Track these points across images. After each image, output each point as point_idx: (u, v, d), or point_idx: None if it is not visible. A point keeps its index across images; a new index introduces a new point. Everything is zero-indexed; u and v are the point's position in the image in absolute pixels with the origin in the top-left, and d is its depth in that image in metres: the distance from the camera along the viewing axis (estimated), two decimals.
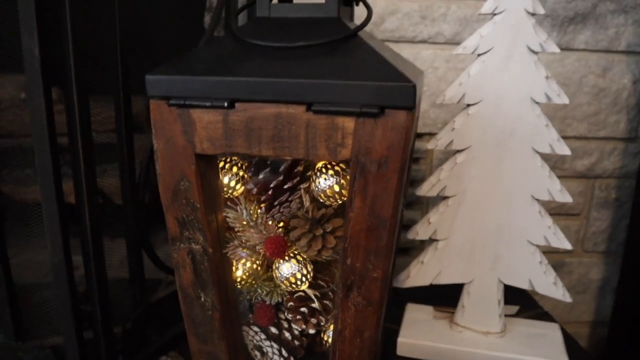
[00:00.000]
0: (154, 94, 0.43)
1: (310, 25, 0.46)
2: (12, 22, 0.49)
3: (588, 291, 0.98)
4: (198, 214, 0.46)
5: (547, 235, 0.62)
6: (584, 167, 0.90)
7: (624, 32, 0.84)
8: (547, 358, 0.63)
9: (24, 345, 0.56)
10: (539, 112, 0.59)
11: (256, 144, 0.42)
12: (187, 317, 0.52)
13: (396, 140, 0.39)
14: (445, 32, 0.82)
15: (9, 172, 0.61)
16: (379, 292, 0.45)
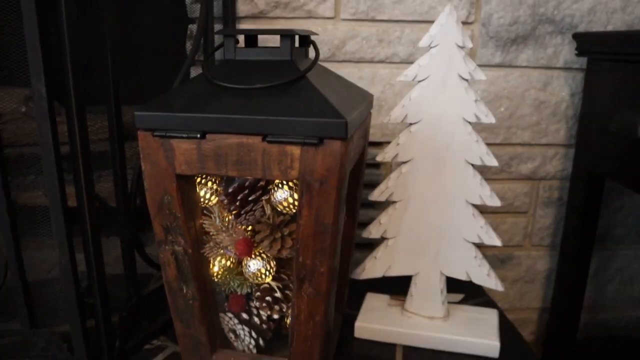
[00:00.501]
0: (141, 127, 0.53)
1: (268, 68, 0.56)
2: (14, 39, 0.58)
3: (536, 281, 1.09)
4: (179, 221, 0.57)
5: (480, 233, 0.73)
6: (529, 170, 1.01)
7: (562, 50, 0.94)
8: (481, 338, 0.74)
9: (36, 331, 0.66)
10: (470, 130, 0.69)
11: (224, 166, 0.53)
12: (172, 306, 0.63)
13: (333, 164, 0.50)
14: (400, 53, 0.92)
15: (11, 178, 0.69)
16: (326, 284, 0.56)
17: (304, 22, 0.90)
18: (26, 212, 0.69)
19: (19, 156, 0.71)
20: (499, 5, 0.90)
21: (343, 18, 0.90)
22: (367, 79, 0.93)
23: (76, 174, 0.62)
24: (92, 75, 0.64)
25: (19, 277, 0.64)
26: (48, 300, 0.68)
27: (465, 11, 0.90)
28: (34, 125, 0.69)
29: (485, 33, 0.92)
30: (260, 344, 0.66)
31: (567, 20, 0.92)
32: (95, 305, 0.67)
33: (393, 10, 0.90)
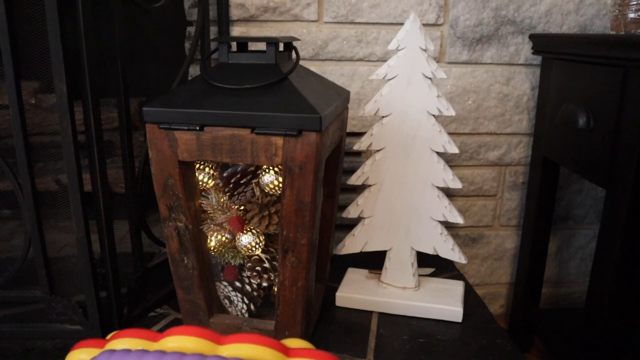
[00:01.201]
0: (148, 120, 0.63)
1: (256, 70, 0.65)
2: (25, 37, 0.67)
3: (504, 258, 1.19)
4: (181, 201, 0.66)
5: (444, 212, 0.83)
6: (495, 157, 1.11)
7: (522, 49, 1.04)
8: (447, 305, 0.84)
9: (55, 298, 0.76)
10: (433, 121, 0.79)
11: (219, 154, 0.62)
12: (175, 275, 0.72)
13: (310, 152, 0.60)
14: (377, 52, 1.02)
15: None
16: (306, 254, 0.66)
17: (290, 24, 0.99)
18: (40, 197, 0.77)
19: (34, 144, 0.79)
20: (465, 9, 1.00)
21: (325, 21, 1.00)
22: (347, 75, 1.03)
23: (91, 160, 0.71)
24: (103, 72, 0.72)
25: (40, 250, 0.73)
26: (65, 273, 0.77)
27: (434, 14, 1.00)
28: (42, 116, 0.79)
29: (453, 34, 1.02)
30: (251, 309, 0.76)
31: (526, 21, 1.02)
32: (107, 277, 0.77)
33: (370, 14, 0.99)
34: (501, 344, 0.78)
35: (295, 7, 0.98)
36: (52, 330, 0.77)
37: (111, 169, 0.80)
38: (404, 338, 0.79)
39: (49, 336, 0.77)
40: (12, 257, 0.78)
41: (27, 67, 0.69)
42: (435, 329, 0.82)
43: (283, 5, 0.98)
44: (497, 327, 0.83)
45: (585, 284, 1.23)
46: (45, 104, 0.81)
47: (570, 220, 1.18)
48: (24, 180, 0.70)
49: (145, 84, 0.86)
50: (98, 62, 0.69)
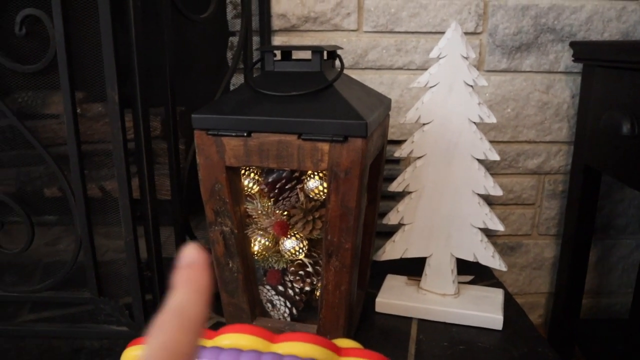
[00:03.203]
0: (197, 127, 0.65)
1: (301, 78, 0.67)
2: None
3: (543, 267, 1.18)
4: (227, 206, 0.68)
5: (485, 220, 0.82)
6: (535, 165, 1.10)
7: (562, 56, 1.03)
8: (487, 312, 0.83)
9: (103, 299, 0.78)
10: (475, 129, 0.80)
11: (266, 159, 0.64)
12: (219, 278, 0.74)
13: (356, 157, 0.61)
14: (417, 60, 1.03)
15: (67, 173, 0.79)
16: (350, 258, 0.67)
17: (330, 34, 1.01)
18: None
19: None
20: (504, 17, 1.00)
21: (365, 30, 1.01)
22: (387, 84, 1.04)
23: (140, 168, 0.74)
24: (152, 82, 0.75)
25: (90, 253, 0.76)
26: (112, 276, 0.80)
27: (473, 23, 1.01)
28: (87, 125, 0.82)
29: (492, 42, 1.02)
30: (293, 313, 0.78)
31: (566, 29, 1.01)
32: (153, 280, 0.79)
33: (409, 23, 1.00)
34: (542, 353, 0.78)
35: (335, 17, 1.00)
36: (99, 331, 0.79)
37: (155, 176, 0.82)
38: (444, 344, 0.79)
39: (97, 337, 0.79)
40: (61, 261, 0.81)
41: (77, 79, 0.71)
42: (475, 336, 0.81)
43: (323, 15, 1.00)
44: (537, 335, 0.82)
45: (627, 295, 1.21)
46: (89, 113, 0.84)
47: (612, 229, 1.16)
48: (76, 186, 0.73)
49: (188, 94, 0.88)
50: (147, 71, 0.72)
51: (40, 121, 0.79)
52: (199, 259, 0.23)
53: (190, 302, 0.22)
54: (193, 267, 0.23)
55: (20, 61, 0.71)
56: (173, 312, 0.21)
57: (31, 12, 0.68)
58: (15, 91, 0.77)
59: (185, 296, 0.22)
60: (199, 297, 0.22)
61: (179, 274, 0.23)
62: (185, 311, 0.22)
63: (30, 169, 0.84)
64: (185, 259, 0.23)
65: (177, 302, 0.22)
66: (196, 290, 0.22)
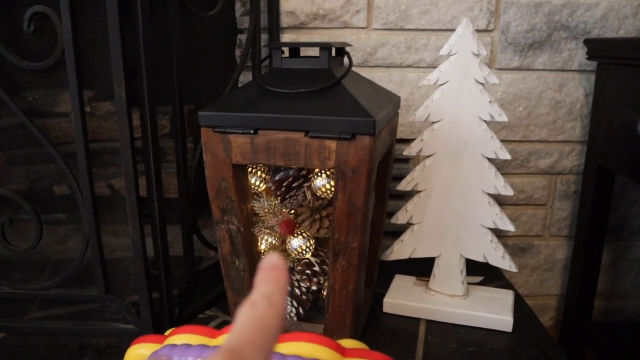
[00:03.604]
0: (204, 124, 0.64)
1: (309, 75, 0.66)
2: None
3: (555, 269, 1.16)
4: (234, 204, 0.67)
5: (495, 220, 0.81)
6: (547, 165, 1.08)
7: (576, 54, 1.02)
8: (497, 314, 0.82)
9: (110, 297, 0.78)
10: (485, 127, 0.78)
11: (272, 157, 0.63)
12: (226, 276, 0.73)
13: (364, 155, 0.60)
14: (427, 58, 1.02)
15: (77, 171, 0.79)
16: (357, 258, 0.66)
17: (339, 31, 1.00)
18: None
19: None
20: (516, 14, 0.99)
21: (375, 28, 1.00)
22: (396, 82, 1.03)
23: (147, 166, 0.73)
24: (159, 80, 0.74)
25: (97, 251, 0.76)
26: (119, 274, 0.79)
27: (485, 20, 0.99)
28: (96, 123, 0.82)
29: (504, 40, 1.00)
30: (300, 312, 0.77)
31: (580, 26, 1.00)
32: (160, 278, 0.78)
33: (420, 20, 0.99)
34: (553, 356, 0.76)
35: (344, 14, 0.99)
36: (106, 329, 0.79)
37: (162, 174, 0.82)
38: (452, 346, 0.78)
39: (104, 334, 0.79)
40: (69, 258, 0.81)
41: (85, 76, 0.71)
42: (484, 338, 0.80)
43: (332, 13, 0.99)
44: (548, 337, 0.81)
45: None
46: (99, 111, 0.84)
47: (625, 231, 1.14)
48: (84, 185, 0.73)
49: (196, 91, 0.88)
50: (155, 69, 0.71)
51: (51, 119, 0.79)
52: (279, 264, 0.25)
53: (275, 290, 0.24)
54: (274, 270, 0.25)
55: (29, 59, 0.71)
56: (261, 296, 0.23)
57: (39, 9, 0.68)
58: (24, 89, 0.77)
59: (270, 286, 0.24)
60: (282, 291, 0.24)
61: (261, 274, 0.25)
62: (272, 296, 0.23)
63: (39, 167, 0.84)
64: (267, 263, 0.25)
65: (263, 290, 0.24)
66: (278, 286, 0.24)
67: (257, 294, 0.24)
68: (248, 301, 0.23)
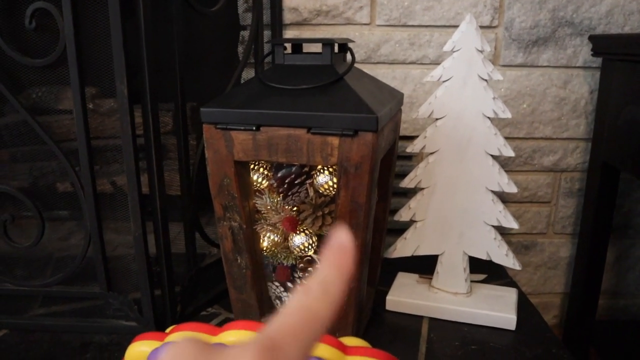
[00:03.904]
0: (206, 121, 0.64)
1: (311, 71, 0.66)
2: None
3: (558, 267, 1.16)
4: (236, 201, 0.67)
5: (499, 217, 0.81)
6: (551, 162, 1.08)
7: (581, 51, 1.01)
8: (499, 312, 0.81)
9: (113, 294, 0.78)
10: (489, 124, 0.78)
11: (274, 154, 0.63)
12: (228, 274, 0.73)
13: (366, 152, 0.60)
14: (430, 55, 1.01)
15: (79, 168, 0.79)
16: (360, 255, 0.65)
17: (342, 28, 1.00)
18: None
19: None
20: (520, 10, 0.98)
21: (378, 24, 1.00)
22: (400, 78, 1.02)
23: (149, 163, 0.73)
24: (162, 76, 0.74)
25: (99, 248, 0.76)
26: (121, 271, 0.79)
27: (489, 16, 0.99)
28: (99, 120, 0.81)
29: (508, 36, 1.00)
30: None
31: (585, 22, 0.99)
32: (162, 275, 0.78)
33: (423, 17, 0.99)
34: (556, 354, 0.76)
35: (347, 10, 0.99)
36: (108, 326, 0.79)
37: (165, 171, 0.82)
38: (455, 344, 0.78)
39: (106, 331, 0.79)
40: (71, 255, 0.81)
41: (87, 73, 0.71)
42: (487, 336, 0.80)
43: (335, 9, 0.98)
44: (552, 336, 0.80)
45: None
46: (101, 108, 0.84)
47: (630, 229, 1.13)
48: (86, 182, 0.73)
49: (199, 88, 0.88)
50: (157, 66, 0.71)
51: (54, 116, 0.79)
52: (348, 243, 0.24)
53: (333, 279, 0.23)
54: (341, 249, 0.24)
55: (30, 55, 0.71)
56: (318, 282, 0.23)
57: (41, 6, 0.68)
58: (27, 86, 0.77)
59: (330, 273, 0.23)
60: (341, 280, 0.23)
61: (328, 253, 0.24)
62: (328, 285, 0.23)
63: (42, 164, 0.84)
64: (336, 240, 0.24)
65: (322, 276, 0.23)
66: (340, 273, 0.23)
67: (314, 279, 0.23)
68: (303, 286, 0.23)
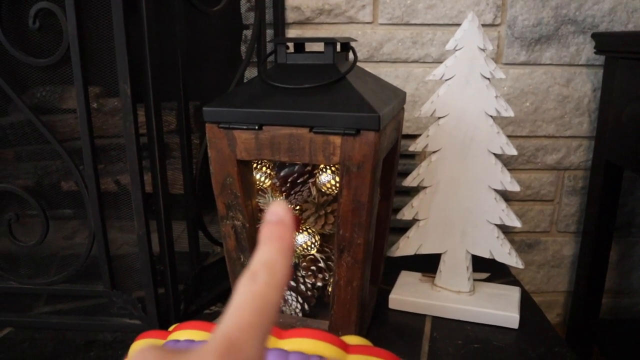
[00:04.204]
0: (209, 120, 0.64)
1: (314, 70, 0.66)
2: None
3: (562, 265, 1.16)
4: (239, 200, 0.67)
5: (501, 216, 0.81)
6: (554, 161, 1.08)
7: (584, 49, 1.01)
8: (503, 310, 0.82)
9: (116, 292, 0.78)
10: (491, 122, 0.78)
11: (277, 153, 0.63)
12: (231, 272, 0.74)
13: (368, 151, 0.60)
14: (433, 53, 1.01)
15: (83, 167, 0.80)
16: (362, 254, 0.66)
17: (345, 27, 1.00)
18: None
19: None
20: (523, 8, 0.98)
21: (380, 23, 1.00)
22: (402, 77, 1.02)
23: (152, 162, 0.73)
24: (164, 76, 0.74)
25: (103, 247, 0.76)
26: (125, 269, 0.80)
27: (491, 14, 0.98)
28: (103, 120, 0.82)
29: (511, 34, 1.00)
30: (305, 308, 0.77)
31: (588, 20, 0.99)
32: (165, 274, 0.79)
33: (425, 15, 0.99)
34: (559, 353, 0.76)
35: (350, 9, 0.99)
36: (112, 324, 0.79)
37: (168, 170, 0.82)
38: (458, 343, 0.78)
39: (110, 329, 0.79)
40: (76, 254, 0.81)
41: (90, 73, 0.71)
42: (490, 335, 0.80)
43: (338, 8, 0.99)
44: (555, 335, 0.80)
45: None
46: (105, 108, 0.84)
47: (634, 227, 1.13)
48: (90, 181, 0.73)
49: (202, 87, 0.88)
50: (160, 65, 0.71)
51: (59, 116, 0.79)
52: (285, 217, 0.23)
53: (277, 258, 0.22)
54: (280, 225, 0.23)
55: (34, 55, 0.71)
56: (262, 265, 0.22)
57: (45, 6, 0.68)
58: (31, 86, 0.77)
59: (272, 253, 0.22)
60: (285, 256, 0.22)
61: (266, 229, 0.23)
62: (273, 266, 0.22)
63: (46, 163, 0.84)
64: (272, 216, 0.23)
65: (265, 257, 0.22)
66: (282, 248, 0.23)
67: (258, 261, 0.22)
68: (248, 270, 0.22)
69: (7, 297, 0.85)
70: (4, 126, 0.81)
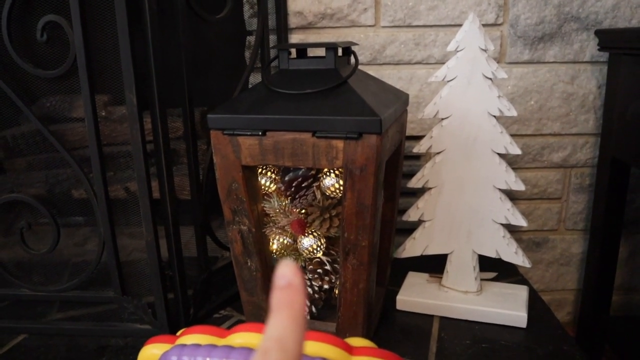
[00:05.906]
0: (213, 127, 0.65)
1: (316, 75, 0.67)
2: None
3: (571, 263, 1.15)
4: (244, 205, 0.68)
5: (507, 215, 0.81)
6: (560, 158, 1.07)
7: (588, 45, 1.01)
8: (510, 310, 0.81)
9: (127, 298, 0.80)
10: (494, 122, 0.78)
11: (281, 158, 0.64)
12: (238, 276, 0.74)
13: (371, 154, 0.60)
14: (436, 55, 1.01)
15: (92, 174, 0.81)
16: (367, 256, 0.66)
17: (347, 30, 1.00)
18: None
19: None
20: (525, 7, 0.98)
21: (382, 25, 1.00)
22: (405, 79, 1.03)
23: (159, 168, 0.74)
24: (170, 83, 0.75)
25: (113, 254, 0.77)
26: (135, 275, 0.81)
27: (493, 14, 0.99)
28: (111, 127, 0.83)
29: (514, 33, 1.00)
30: (313, 311, 0.77)
31: (591, 17, 0.99)
32: (174, 279, 0.80)
33: (428, 17, 0.99)
34: (568, 351, 0.76)
35: (352, 12, 0.99)
36: (123, 329, 0.81)
37: (175, 176, 0.83)
38: (466, 343, 0.78)
39: (121, 335, 0.80)
40: (87, 261, 0.82)
41: (98, 82, 0.73)
42: (498, 334, 0.80)
43: (340, 12, 0.99)
44: (563, 333, 0.80)
45: None
46: (114, 115, 0.85)
47: None
48: (98, 188, 0.75)
49: (207, 94, 0.89)
50: (165, 73, 0.72)
51: (68, 124, 0.81)
52: (294, 280, 0.23)
53: (289, 332, 0.22)
54: (289, 289, 0.22)
55: (43, 67, 0.73)
56: (273, 342, 0.21)
57: (51, 19, 0.69)
58: (40, 96, 0.79)
59: (284, 324, 0.22)
60: (297, 328, 0.22)
61: (276, 296, 0.22)
62: (285, 342, 0.21)
63: (57, 171, 0.86)
64: (281, 279, 0.23)
65: (276, 332, 0.21)
66: (294, 317, 0.22)
67: (269, 337, 0.21)
68: (260, 348, 0.21)
69: (21, 305, 0.87)
70: (15, 136, 0.83)
